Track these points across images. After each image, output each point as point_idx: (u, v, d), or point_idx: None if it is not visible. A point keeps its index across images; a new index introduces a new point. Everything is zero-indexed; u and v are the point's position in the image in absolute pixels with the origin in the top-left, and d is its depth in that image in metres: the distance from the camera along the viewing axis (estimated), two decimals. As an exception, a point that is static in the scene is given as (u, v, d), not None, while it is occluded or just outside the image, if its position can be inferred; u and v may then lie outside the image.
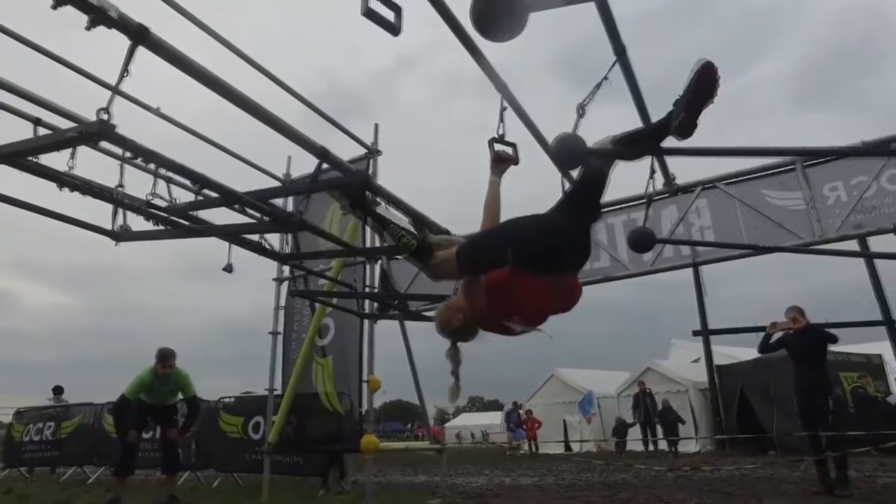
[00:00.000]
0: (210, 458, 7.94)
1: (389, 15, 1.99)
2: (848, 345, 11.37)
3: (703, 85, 1.77)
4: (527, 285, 1.81)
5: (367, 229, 6.06)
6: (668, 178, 4.81)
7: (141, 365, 5.49)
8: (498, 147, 2.39)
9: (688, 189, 4.94)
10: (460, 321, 1.95)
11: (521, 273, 1.79)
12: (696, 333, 14.87)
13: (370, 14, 1.94)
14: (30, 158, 2.65)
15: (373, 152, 6.06)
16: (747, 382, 11.78)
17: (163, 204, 3.35)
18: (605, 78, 2.14)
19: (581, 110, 2.09)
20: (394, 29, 2.02)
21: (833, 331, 5.75)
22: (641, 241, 3.70)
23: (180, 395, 5.64)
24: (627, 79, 2.80)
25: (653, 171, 3.66)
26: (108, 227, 3.35)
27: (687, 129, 1.84)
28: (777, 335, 5.69)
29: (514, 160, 2.40)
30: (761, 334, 5.90)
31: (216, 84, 2.19)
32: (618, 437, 14.50)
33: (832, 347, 5.71)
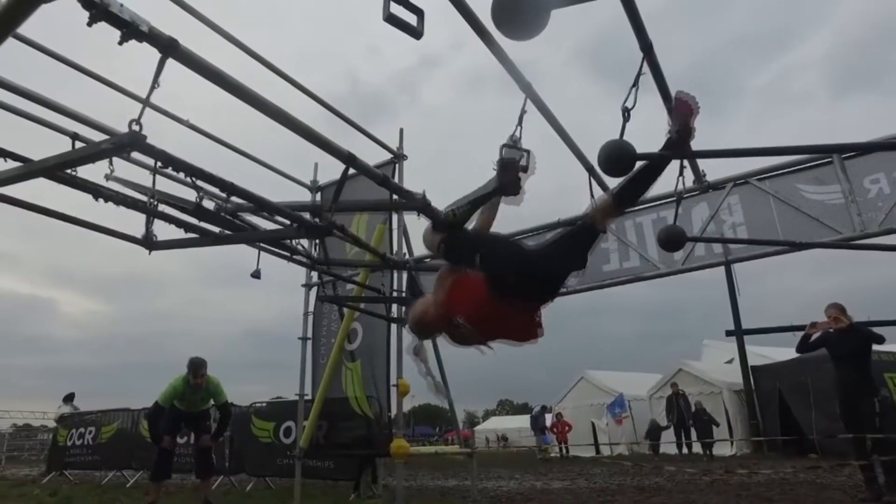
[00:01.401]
0: (243, 462, 8.08)
1: (411, 18, 1.99)
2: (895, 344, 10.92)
3: (682, 111, 2.08)
4: (486, 299, 1.88)
5: (395, 235, 6.10)
6: (699, 175, 4.68)
7: (172, 369, 5.64)
8: (506, 154, 2.35)
9: (719, 186, 4.80)
10: (429, 316, 2.02)
11: (485, 287, 1.88)
12: (729, 333, 14.51)
13: (392, 19, 1.94)
14: (68, 171, 2.73)
15: (399, 157, 6.09)
16: (784, 383, 11.43)
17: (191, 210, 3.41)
18: (641, 73, 2.12)
19: (626, 114, 2.07)
20: (416, 33, 2.01)
21: (879, 330, 5.52)
22: (672, 239, 3.60)
23: (212, 402, 5.76)
24: (654, 74, 2.73)
25: (682, 168, 3.57)
26: (139, 235, 3.43)
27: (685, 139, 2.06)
28: (816, 335, 5.49)
29: (523, 168, 2.35)
30: (798, 334, 5.70)
31: (244, 93, 2.21)
32: (651, 439, 14.21)
33: (878, 347, 5.48)
